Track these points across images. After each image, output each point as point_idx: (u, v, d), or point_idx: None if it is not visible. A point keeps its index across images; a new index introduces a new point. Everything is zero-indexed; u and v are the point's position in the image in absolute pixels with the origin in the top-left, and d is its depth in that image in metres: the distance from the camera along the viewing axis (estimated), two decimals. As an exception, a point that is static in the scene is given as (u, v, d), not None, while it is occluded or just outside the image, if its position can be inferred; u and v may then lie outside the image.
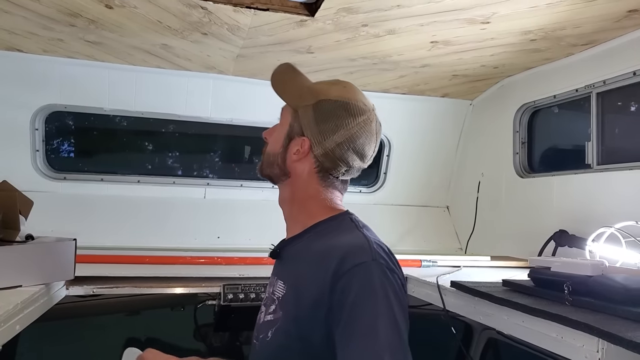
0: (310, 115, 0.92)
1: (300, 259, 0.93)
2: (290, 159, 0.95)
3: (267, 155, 0.99)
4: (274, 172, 0.98)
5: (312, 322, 0.83)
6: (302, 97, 0.94)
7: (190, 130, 2.55)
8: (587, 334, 0.99)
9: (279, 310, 0.90)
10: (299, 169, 0.95)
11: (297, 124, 0.94)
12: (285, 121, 0.96)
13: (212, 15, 1.56)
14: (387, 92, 2.43)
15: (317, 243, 0.91)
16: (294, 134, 0.94)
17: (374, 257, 0.83)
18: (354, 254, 0.83)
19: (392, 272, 0.84)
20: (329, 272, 0.82)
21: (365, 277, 0.80)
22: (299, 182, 0.96)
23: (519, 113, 2.28)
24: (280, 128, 0.97)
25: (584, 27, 1.64)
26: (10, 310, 1.03)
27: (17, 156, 2.18)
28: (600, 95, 1.87)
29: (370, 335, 0.75)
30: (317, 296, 0.82)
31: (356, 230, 0.91)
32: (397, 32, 1.70)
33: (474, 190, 2.49)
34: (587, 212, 1.85)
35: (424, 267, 1.87)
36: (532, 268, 1.36)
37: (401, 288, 0.84)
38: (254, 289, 1.56)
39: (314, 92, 0.94)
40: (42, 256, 1.30)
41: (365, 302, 0.78)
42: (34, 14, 1.60)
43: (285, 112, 0.97)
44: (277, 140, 0.97)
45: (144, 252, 1.80)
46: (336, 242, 0.87)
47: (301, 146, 0.93)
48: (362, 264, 0.81)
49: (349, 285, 0.79)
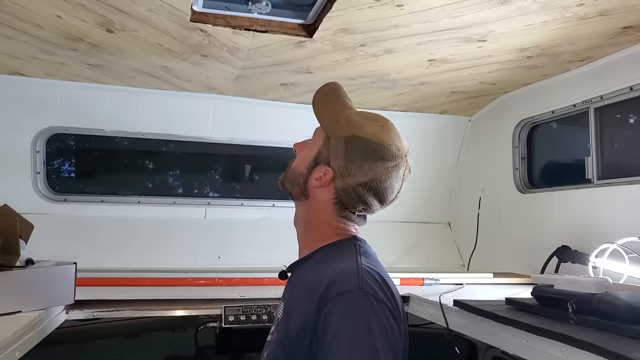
0: (341, 147, 0.90)
1: (298, 283, 0.94)
2: (311, 183, 0.94)
3: (292, 172, 0.98)
4: (294, 190, 0.98)
5: (298, 348, 0.82)
6: (338, 126, 0.92)
7: (191, 149, 2.56)
8: (593, 354, 0.98)
9: (275, 332, 0.92)
10: (318, 195, 0.94)
11: (326, 151, 0.92)
12: (316, 144, 0.95)
13: (212, 37, 1.59)
14: (386, 110, 2.44)
15: (315, 269, 0.90)
16: (320, 160, 0.93)
17: (360, 285, 0.80)
18: (340, 281, 0.81)
19: (380, 302, 0.79)
20: (315, 299, 0.81)
21: (347, 307, 0.78)
22: (315, 207, 0.95)
23: (517, 129, 2.29)
24: (310, 149, 0.96)
25: (579, 44, 1.66)
26: (10, 337, 1.02)
27: (18, 178, 2.19)
28: (598, 110, 1.88)
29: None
30: (304, 323, 0.82)
31: (352, 257, 0.88)
32: (394, 52, 1.72)
33: (474, 206, 2.49)
34: (589, 228, 1.84)
35: (426, 285, 1.85)
36: (536, 286, 1.35)
37: (389, 319, 0.80)
38: (255, 310, 1.54)
39: (351, 125, 0.91)
40: (41, 281, 1.29)
41: (344, 333, 0.75)
42: (36, 39, 1.63)
43: (319, 135, 0.96)
44: (303, 160, 0.96)
45: (144, 273, 1.79)
46: (329, 269, 0.86)
47: (324, 175, 0.92)
48: (345, 292, 0.79)
49: (330, 314, 0.78)
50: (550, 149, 2.30)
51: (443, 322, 1.46)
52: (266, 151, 2.56)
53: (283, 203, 2.47)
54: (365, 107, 2.39)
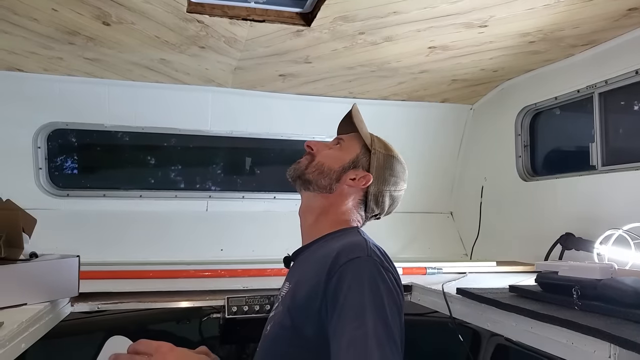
0: (381, 161, 1.06)
1: (306, 261, 1.00)
2: (344, 181, 1.04)
3: (320, 165, 1.05)
4: (320, 182, 1.04)
5: (305, 313, 0.87)
6: (374, 142, 1.07)
7: (191, 143, 2.56)
8: (598, 339, 0.97)
9: (280, 305, 0.96)
10: (345, 192, 1.04)
11: (365, 159, 1.05)
12: (352, 148, 1.07)
13: (209, 28, 1.57)
14: (386, 99, 2.42)
15: (324, 247, 0.98)
16: (359, 164, 1.05)
17: (369, 253, 0.88)
18: (349, 250, 0.89)
19: (386, 270, 0.88)
20: (326, 267, 0.87)
21: (358, 271, 0.85)
22: (338, 201, 1.05)
23: (520, 116, 2.27)
24: (345, 152, 1.07)
25: (583, 27, 1.63)
26: (15, 329, 1.03)
27: (20, 174, 2.19)
28: (602, 96, 1.85)
29: (359, 322, 0.78)
30: (313, 289, 0.87)
31: (358, 235, 0.99)
32: (394, 39, 1.70)
33: (477, 195, 2.47)
34: (594, 214, 1.82)
35: (429, 274, 1.84)
36: (539, 273, 1.34)
37: (395, 286, 0.88)
38: (258, 301, 1.54)
39: (385, 146, 1.09)
40: (46, 274, 1.30)
41: (356, 292, 0.82)
42: (33, 34, 1.62)
43: (354, 142, 1.08)
44: (336, 160, 1.05)
45: (147, 266, 1.79)
46: (337, 244, 0.94)
47: (363, 177, 1.04)
48: (355, 259, 0.87)
49: (342, 278, 0.84)
50: (554, 136, 2.28)
51: (446, 310, 1.45)
52: (266, 143, 2.55)
53: (284, 195, 2.46)
54: (365, 97, 2.38)
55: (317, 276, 0.88)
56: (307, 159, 1.07)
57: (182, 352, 0.86)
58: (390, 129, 2.51)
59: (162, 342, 0.88)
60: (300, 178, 1.06)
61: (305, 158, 1.07)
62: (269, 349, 0.94)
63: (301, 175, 1.06)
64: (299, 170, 1.06)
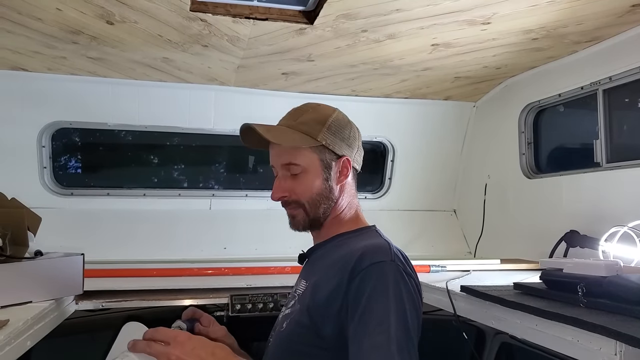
0: (330, 137, 1.00)
1: (324, 259, 0.99)
2: (337, 182, 1.02)
3: (312, 201, 1.00)
4: (327, 210, 1.01)
5: (325, 314, 0.87)
6: (311, 130, 0.99)
7: (194, 142, 2.56)
8: (604, 336, 0.96)
9: (297, 304, 0.96)
10: (347, 184, 1.04)
11: (326, 152, 1.00)
12: (308, 162, 0.99)
13: (212, 27, 1.57)
14: (389, 97, 2.42)
15: (343, 246, 0.97)
16: (328, 161, 1.00)
17: (392, 258, 0.88)
18: (373, 253, 0.88)
19: (408, 276, 0.88)
20: (348, 268, 0.87)
21: (382, 275, 0.84)
22: (344, 198, 1.03)
23: (523, 113, 2.26)
24: (308, 171, 0.99)
25: (587, 24, 1.62)
26: (21, 327, 1.03)
27: (25, 173, 2.20)
28: (606, 92, 1.84)
29: (382, 328, 0.79)
30: (334, 290, 0.87)
31: (379, 237, 0.99)
32: (397, 37, 1.69)
33: (480, 192, 2.47)
34: (598, 212, 1.81)
35: (432, 272, 1.84)
36: (544, 270, 1.33)
37: (416, 292, 0.89)
38: (261, 299, 1.55)
39: (316, 120, 1.00)
40: (50, 272, 1.30)
41: (379, 297, 0.82)
42: (37, 33, 1.62)
43: (301, 155, 0.99)
44: (313, 181, 0.99)
45: (151, 265, 1.80)
46: (359, 245, 0.93)
47: (344, 166, 1.02)
48: (379, 262, 0.86)
49: (365, 281, 0.84)
50: (557, 133, 2.27)
51: (450, 308, 1.45)
52: (270, 142, 2.55)
53: (288, 194, 2.46)
54: (367, 94, 2.38)
55: (338, 276, 0.88)
56: (297, 209, 1.01)
57: (199, 340, 0.86)
58: (392, 127, 2.54)
59: (178, 331, 0.88)
60: (313, 226, 1.03)
61: (294, 210, 1.01)
62: (284, 346, 0.93)
63: (312, 225, 1.02)
64: (305, 222, 1.01)
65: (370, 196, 2.63)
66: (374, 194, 2.64)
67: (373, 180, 2.66)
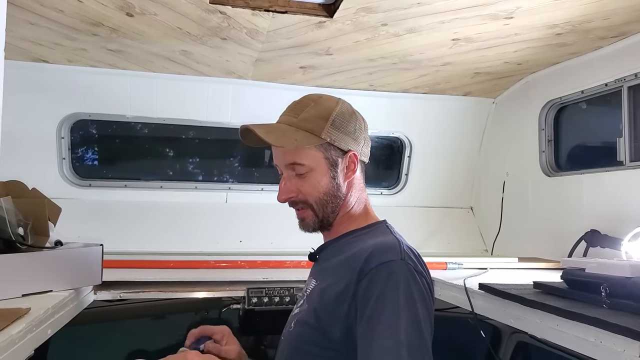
0: (335, 133, 0.95)
1: (333, 258, 0.97)
2: (344, 178, 0.98)
3: (320, 202, 0.96)
4: (336, 208, 0.97)
5: (332, 314, 0.85)
6: (314, 128, 0.94)
7: (211, 135, 2.57)
8: (628, 338, 0.94)
9: (305, 304, 0.95)
10: (354, 178, 0.99)
11: (331, 149, 0.95)
12: (313, 161, 0.95)
13: (231, 19, 1.57)
14: (407, 92, 2.40)
15: (352, 245, 0.94)
16: (334, 158, 0.96)
17: (403, 257, 0.85)
18: (383, 252, 0.85)
19: (420, 274, 0.85)
20: (357, 268, 0.84)
21: (391, 275, 0.82)
22: (352, 194, 1.00)
23: (544, 110, 2.21)
24: (314, 171, 0.95)
25: (613, 19, 1.58)
26: (42, 315, 1.05)
27: (45, 164, 2.23)
28: (632, 89, 1.79)
29: (392, 331, 0.76)
30: (342, 290, 0.85)
31: (390, 234, 0.95)
32: (417, 31, 1.67)
33: (498, 190, 2.43)
34: (620, 211, 1.78)
35: (449, 269, 1.83)
36: (565, 269, 1.31)
37: (428, 291, 0.86)
38: (278, 292, 1.55)
39: (319, 116, 0.95)
40: (70, 262, 1.32)
41: (389, 298, 0.79)
42: (58, 25, 1.64)
43: (305, 155, 0.95)
44: (318, 181, 0.95)
45: (168, 256, 1.82)
46: (368, 243, 0.90)
47: (351, 161, 0.97)
48: (389, 262, 0.83)
49: (373, 281, 0.82)
50: (579, 130, 2.22)
51: (467, 305, 1.43)
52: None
53: (303, 188, 2.46)
54: (386, 89, 2.36)
55: (346, 277, 0.85)
56: (307, 210, 0.98)
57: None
58: (410, 123, 2.51)
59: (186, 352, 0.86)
60: (323, 227, 1.00)
61: (303, 211, 0.98)
62: (294, 348, 0.92)
63: (322, 225, 0.99)
64: (315, 224, 0.98)
65: (387, 192, 2.61)
66: (390, 190, 2.62)
67: (389, 176, 2.65)
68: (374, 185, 2.60)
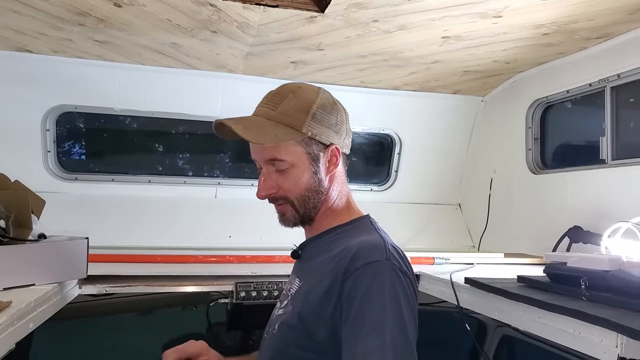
0: (316, 127, 0.92)
1: (318, 257, 0.94)
2: (326, 172, 0.95)
3: (301, 198, 0.93)
4: (317, 204, 0.95)
5: (317, 315, 0.84)
6: (294, 122, 0.90)
7: (201, 130, 2.56)
8: (605, 329, 0.97)
9: (290, 305, 0.92)
10: (338, 172, 0.97)
11: (312, 143, 0.92)
12: (294, 156, 0.91)
13: (222, 12, 1.56)
14: (397, 89, 2.41)
15: (336, 243, 0.92)
16: (316, 153, 0.93)
17: (388, 257, 0.84)
18: (368, 252, 0.84)
19: (404, 274, 0.84)
20: (342, 268, 0.83)
21: (376, 275, 0.81)
22: (334, 188, 0.97)
23: (531, 109, 2.25)
24: (295, 166, 0.92)
25: (598, 20, 1.61)
26: (24, 309, 1.03)
27: (29, 157, 2.19)
28: (614, 90, 1.84)
29: (376, 333, 0.76)
30: (327, 291, 0.84)
31: (374, 232, 0.93)
32: (408, 28, 1.68)
33: (486, 187, 2.47)
34: (602, 208, 1.82)
35: (436, 264, 1.85)
36: (548, 263, 1.34)
37: (412, 292, 0.85)
38: (266, 286, 1.55)
39: (299, 109, 0.91)
40: (54, 255, 1.30)
41: (374, 299, 0.78)
42: (43, 14, 1.61)
43: (285, 150, 0.91)
44: (299, 177, 0.92)
45: (156, 251, 1.80)
46: (353, 241, 0.89)
47: (333, 155, 0.95)
48: (374, 262, 0.82)
49: (358, 282, 0.80)
50: (564, 129, 2.27)
51: (454, 299, 1.46)
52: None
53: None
54: (376, 86, 2.36)
55: (331, 277, 0.84)
56: (287, 205, 0.94)
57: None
58: (400, 120, 2.53)
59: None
60: (304, 222, 0.97)
61: (283, 206, 0.95)
62: (277, 351, 0.90)
63: (303, 220, 0.96)
64: (296, 219, 0.95)
65: (376, 188, 2.63)
66: (380, 187, 2.64)
67: (379, 173, 2.67)
68: (364, 182, 2.62)
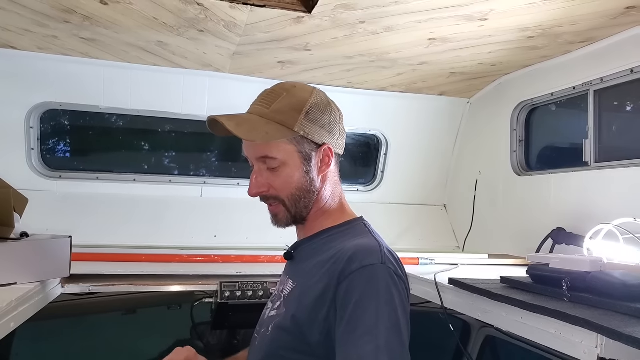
0: (309, 126, 0.91)
1: (312, 259, 0.93)
2: (318, 172, 0.94)
3: (293, 197, 0.92)
4: (309, 204, 0.94)
5: (311, 318, 0.83)
6: (287, 120, 0.90)
7: (187, 129, 2.54)
8: (586, 329, 0.98)
9: (283, 307, 0.92)
10: (330, 173, 0.97)
11: (305, 142, 0.92)
12: (286, 155, 0.91)
13: (208, 11, 1.55)
14: (384, 90, 2.42)
15: (330, 245, 0.92)
16: (308, 152, 0.92)
17: (383, 260, 0.84)
18: (364, 255, 0.84)
19: (399, 278, 0.84)
20: (337, 271, 0.83)
21: (372, 279, 0.81)
22: (327, 188, 0.96)
23: (516, 111, 2.28)
24: (287, 165, 0.91)
25: (581, 24, 1.64)
26: (4, 308, 1.02)
27: (12, 154, 2.16)
28: (597, 93, 1.87)
29: (371, 336, 0.75)
30: (322, 293, 0.83)
31: (369, 235, 0.93)
32: (394, 29, 1.69)
33: (471, 188, 2.49)
34: (585, 210, 1.85)
35: (421, 264, 1.86)
36: (531, 265, 1.36)
37: (406, 296, 0.85)
38: (251, 286, 1.55)
39: (292, 107, 0.91)
40: (37, 253, 1.29)
41: (369, 302, 0.78)
42: (27, 10, 1.58)
43: (277, 148, 0.90)
44: (291, 176, 0.92)
45: (140, 250, 1.78)
46: (348, 244, 0.88)
47: (325, 155, 0.94)
48: (369, 265, 0.82)
49: (354, 285, 0.80)
50: (548, 131, 2.30)
51: (438, 300, 1.47)
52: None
53: (279, 183, 2.46)
54: (363, 87, 2.37)
55: (326, 279, 0.84)
56: (279, 206, 0.94)
57: None
58: (387, 120, 2.54)
59: None
60: (296, 222, 0.96)
61: (275, 207, 0.94)
62: (269, 353, 0.89)
63: (295, 221, 0.96)
64: (288, 220, 0.95)
65: (363, 189, 2.64)
66: (366, 187, 2.65)
67: (365, 173, 2.68)
68: (350, 182, 2.63)
